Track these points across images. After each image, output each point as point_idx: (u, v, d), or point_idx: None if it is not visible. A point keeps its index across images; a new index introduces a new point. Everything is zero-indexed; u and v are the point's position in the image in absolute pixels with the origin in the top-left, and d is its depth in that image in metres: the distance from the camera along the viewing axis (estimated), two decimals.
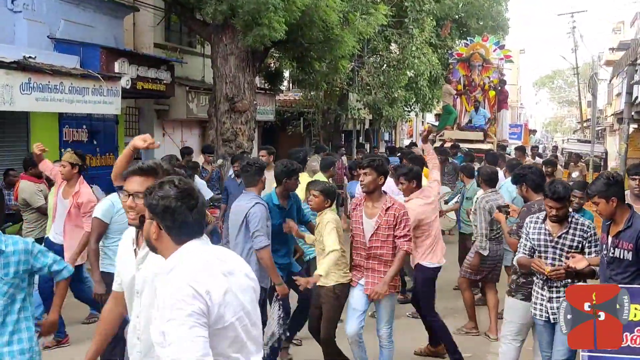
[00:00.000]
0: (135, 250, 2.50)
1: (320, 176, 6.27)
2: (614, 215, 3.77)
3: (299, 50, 10.90)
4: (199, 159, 10.05)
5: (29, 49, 8.37)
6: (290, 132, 17.70)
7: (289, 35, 9.52)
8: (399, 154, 10.34)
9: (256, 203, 4.52)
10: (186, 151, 9.79)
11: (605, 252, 3.83)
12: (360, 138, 20.06)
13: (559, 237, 3.97)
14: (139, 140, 3.14)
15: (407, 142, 23.48)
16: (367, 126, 22.48)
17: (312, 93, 15.72)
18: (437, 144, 13.51)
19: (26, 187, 6.40)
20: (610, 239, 3.79)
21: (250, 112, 10.38)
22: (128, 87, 9.52)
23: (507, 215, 4.83)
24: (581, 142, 22.82)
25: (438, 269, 5.23)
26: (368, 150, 16.58)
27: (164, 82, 10.82)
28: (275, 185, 4.99)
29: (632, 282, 3.68)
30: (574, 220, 4.01)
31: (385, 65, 16.23)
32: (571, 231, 3.98)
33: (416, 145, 16.87)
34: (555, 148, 21.41)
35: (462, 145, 13.74)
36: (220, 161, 9.72)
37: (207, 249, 2.05)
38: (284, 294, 4.63)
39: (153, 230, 2.01)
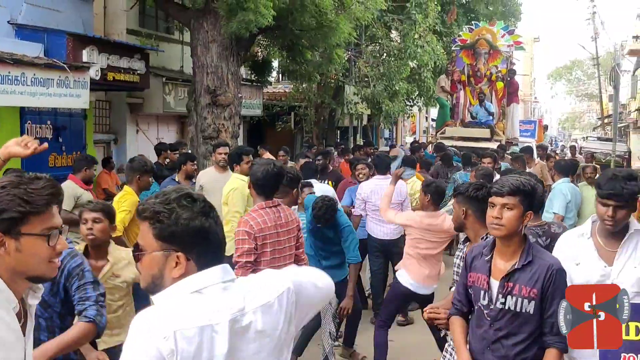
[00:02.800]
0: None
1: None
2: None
3: (289, 37, 10.90)
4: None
5: None
6: (280, 128, 17.64)
7: (277, 21, 9.50)
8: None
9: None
10: (162, 147, 9.60)
11: (485, 302, 2.90)
12: (358, 135, 20.06)
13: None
14: (16, 147, 2.56)
15: (409, 139, 23.47)
16: (365, 122, 22.45)
17: (303, 85, 15.68)
18: (449, 143, 13.44)
19: None
20: (495, 282, 2.89)
21: (234, 106, 10.35)
22: (97, 78, 9.48)
23: None
24: (602, 141, 22.80)
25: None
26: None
27: (138, 72, 10.77)
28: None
29: (528, 351, 2.84)
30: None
31: (384, 54, 16.23)
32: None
33: (418, 144, 16.84)
34: (574, 148, 21.22)
35: (466, 144, 13.69)
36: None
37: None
38: None
39: None
